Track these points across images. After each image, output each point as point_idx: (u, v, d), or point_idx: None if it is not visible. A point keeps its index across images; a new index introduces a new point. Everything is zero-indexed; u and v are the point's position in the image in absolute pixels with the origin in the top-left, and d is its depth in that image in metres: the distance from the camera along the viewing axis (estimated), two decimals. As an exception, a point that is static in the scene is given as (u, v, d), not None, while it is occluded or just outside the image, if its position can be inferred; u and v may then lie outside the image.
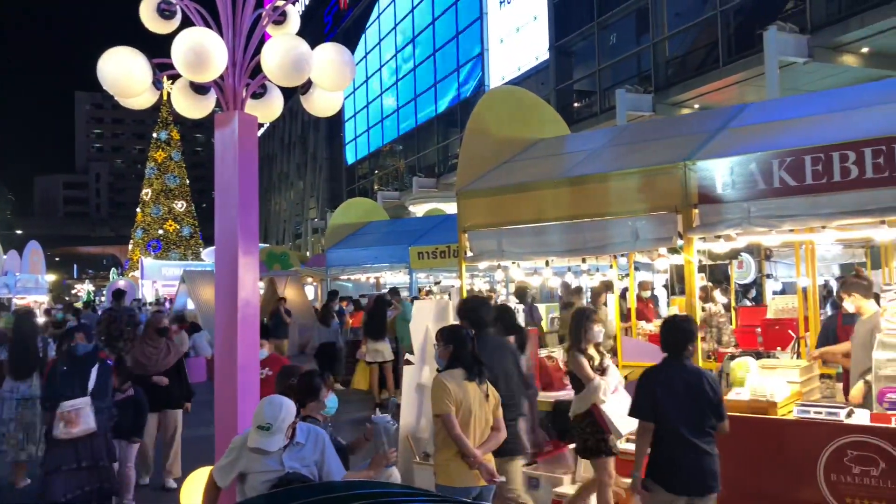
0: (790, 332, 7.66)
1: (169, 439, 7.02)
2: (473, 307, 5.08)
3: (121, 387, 6.17)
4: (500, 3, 30.31)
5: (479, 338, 4.56)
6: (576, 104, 26.26)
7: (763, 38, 16.00)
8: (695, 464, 3.90)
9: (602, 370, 5.05)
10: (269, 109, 4.62)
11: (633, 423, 4.38)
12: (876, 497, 4.22)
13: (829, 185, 4.29)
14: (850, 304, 5.88)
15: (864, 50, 16.69)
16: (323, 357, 11.76)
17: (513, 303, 10.11)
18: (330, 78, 4.26)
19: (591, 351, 5.11)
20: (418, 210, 27.12)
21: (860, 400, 5.04)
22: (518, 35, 29.06)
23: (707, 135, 5.28)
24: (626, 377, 7.32)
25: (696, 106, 20.87)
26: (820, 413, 4.61)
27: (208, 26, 4.20)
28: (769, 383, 4.96)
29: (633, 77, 22.40)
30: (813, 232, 5.12)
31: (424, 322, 6.47)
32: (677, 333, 4.07)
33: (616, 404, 4.89)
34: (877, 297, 5.69)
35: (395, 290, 12.91)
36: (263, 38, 4.40)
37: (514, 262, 6.48)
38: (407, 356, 6.87)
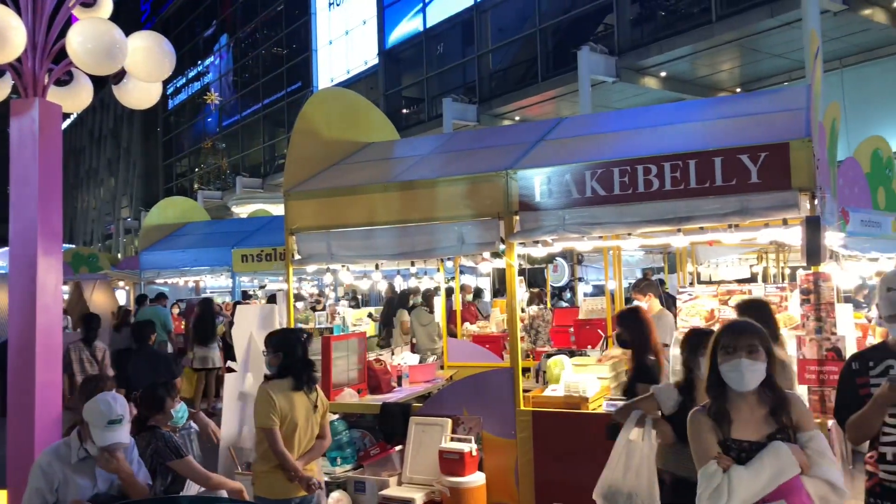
0: (599, 331, 8.24)
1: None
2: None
3: None
4: (330, 4, 30.05)
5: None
6: (404, 110, 26.61)
7: (577, 58, 17.12)
8: None
9: None
10: (76, 98, 4.25)
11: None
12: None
13: (635, 195, 4.66)
14: (643, 304, 6.56)
15: (663, 74, 18.41)
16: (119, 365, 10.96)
17: (344, 306, 10.04)
18: (147, 68, 3.99)
19: None
20: (242, 211, 26.20)
21: None
22: (347, 38, 28.95)
23: (527, 145, 5.56)
24: (451, 377, 7.53)
25: (517, 118, 21.94)
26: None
27: (3, 2, 3.79)
28: (581, 380, 5.31)
29: (459, 87, 23.09)
30: (619, 238, 5.54)
31: (248, 328, 6.25)
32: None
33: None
34: (673, 299, 6.27)
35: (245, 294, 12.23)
36: (70, 21, 4.04)
37: (343, 266, 6.43)
38: (229, 363, 6.60)
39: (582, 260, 15.00)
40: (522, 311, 9.86)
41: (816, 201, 4.20)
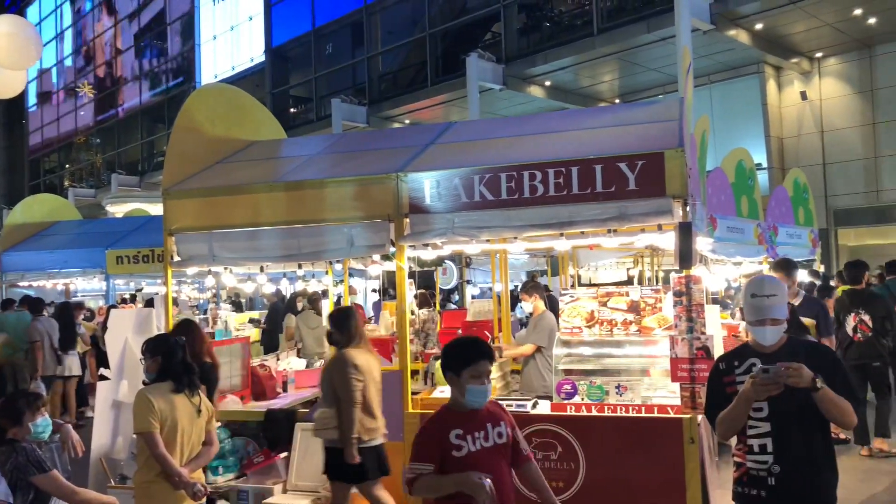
0: (486, 332, 8.38)
1: None
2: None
3: None
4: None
5: None
6: (292, 109, 26.13)
7: (466, 64, 17.39)
8: None
9: None
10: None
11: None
12: (555, 479, 4.76)
13: (521, 200, 4.78)
14: (528, 305, 6.86)
15: (548, 83, 19.00)
16: None
17: (227, 310, 9.72)
18: (10, 55, 3.71)
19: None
20: (118, 210, 24.86)
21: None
22: (233, 33, 28.10)
23: (417, 148, 5.58)
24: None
25: (407, 121, 22.01)
26: (511, 406, 5.09)
27: None
28: (469, 381, 5.36)
29: (348, 88, 22.91)
30: (506, 242, 5.66)
31: (123, 333, 5.94)
32: None
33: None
34: (556, 301, 6.48)
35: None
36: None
37: (225, 268, 6.22)
38: (102, 371, 6.25)
39: (470, 263, 15.23)
40: (413, 313, 9.90)
41: (688, 208, 4.45)
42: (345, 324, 4.87)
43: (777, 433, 2.91)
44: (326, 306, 9.40)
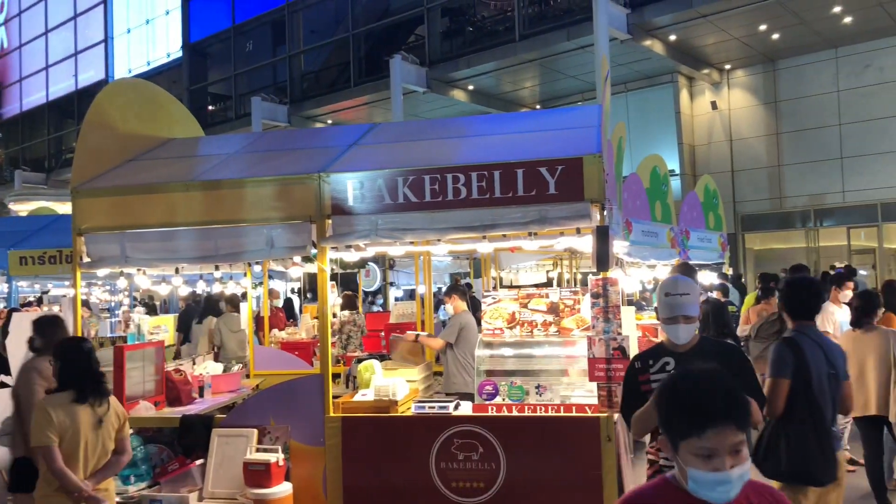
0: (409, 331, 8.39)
1: None
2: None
3: None
4: (128, -10, 28.07)
5: None
6: (210, 107, 25.47)
7: (389, 66, 17.37)
8: None
9: None
10: None
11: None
12: (475, 479, 4.81)
13: (444, 202, 4.80)
14: (450, 307, 7.00)
15: (471, 87, 19.19)
16: None
17: (140, 313, 9.38)
18: None
19: None
20: (21, 208, 23.55)
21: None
22: (148, 27, 27.17)
23: (340, 149, 5.53)
24: (257, 386, 7.29)
25: (329, 121, 21.80)
26: (433, 408, 5.11)
27: None
28: (391, 383, 5.36)
29: (269, 86, 22.52)
30: (429, 244, 5.68)
31: (25, 338, 5.64)
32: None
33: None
34: (478, 303, 6.54)
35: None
36: None
37: (139, 270, 6.00)
38: (1, 378, 5.92)
39: (394, 265, 15.21)
40: (334, 315, 9.79)
41: (605, 212, 4.57)
42: (46, 330, 4.88)
43: None
44: (245, 310, 9.19)
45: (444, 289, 13.81)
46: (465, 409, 5.24)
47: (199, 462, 5.12)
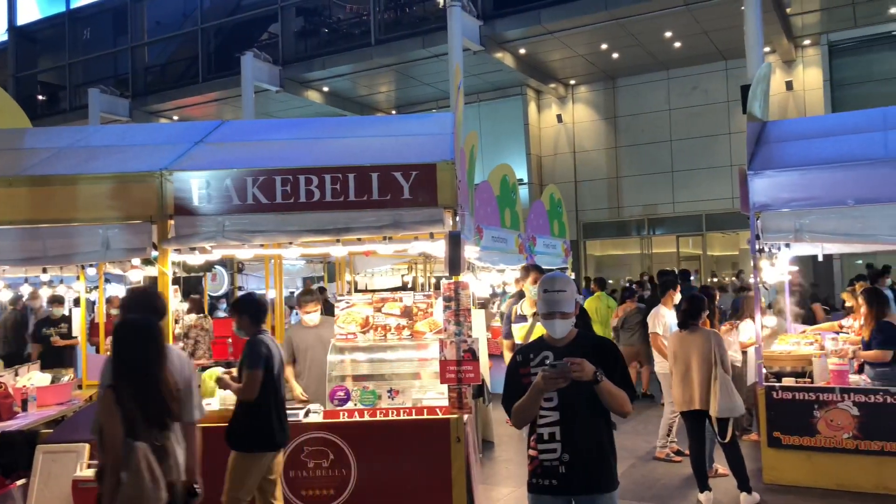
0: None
1: None
2: None
3: None
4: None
5: None
6: (40, 97, 23.50)
7: (241, 63, 16.82)
8: None
9: None
10: None
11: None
12: (325, 486, 4.74)
13: (297, 204, 4.70)
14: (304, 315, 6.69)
15: (326, 89, 18.98)
16: None
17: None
18: None
19: None
20: None
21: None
22: (-34, 5, 24.63)
23: (185, 146, 5.27)
24: (91, 398, 6.78)
25: (175, 117, 20.78)
26: (283, 415, 4.98)
27: None
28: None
29: (108, 78, 21.12)
30: (281, 247, 5.54)
31: None
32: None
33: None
34: (332, 307, 6.45)
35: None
36: None
37: (-50, 272, 5.41)
38: None
39: (242, 268, 14.69)
40: (177, 321, 9.30)
41: (458, 218, 4.67)
42: None
43: (564, 422, 3.14)
44: (78, 315, 8.54)
45: (296, 294, 13.55)
46: (316, 416, 5.15)
47: (20, 482, 4.69)
